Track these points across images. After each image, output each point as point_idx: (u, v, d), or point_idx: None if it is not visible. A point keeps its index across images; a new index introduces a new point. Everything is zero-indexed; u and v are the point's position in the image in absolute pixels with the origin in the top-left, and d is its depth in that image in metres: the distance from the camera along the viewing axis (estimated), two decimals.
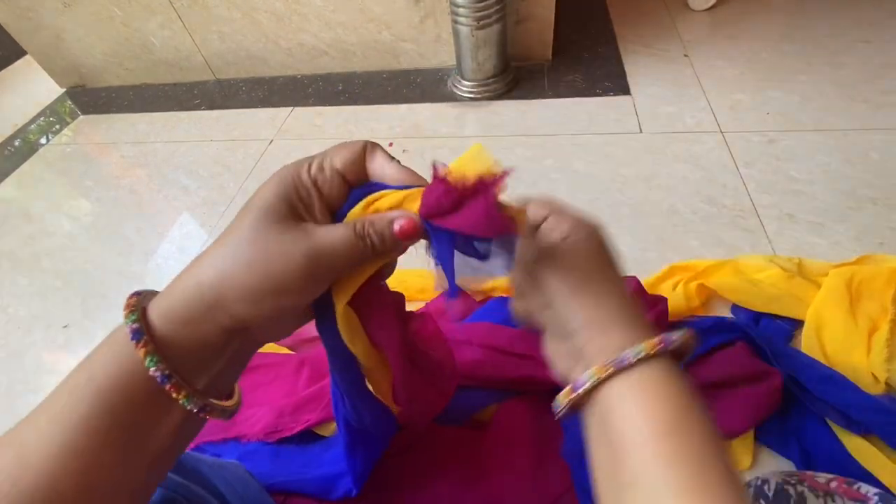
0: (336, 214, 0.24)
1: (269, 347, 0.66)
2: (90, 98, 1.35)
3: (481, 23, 0.94)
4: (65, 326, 0.78)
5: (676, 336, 0.25)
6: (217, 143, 1.09)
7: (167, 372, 0.21)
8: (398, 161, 0.25)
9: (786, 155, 0.81)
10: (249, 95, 1.23)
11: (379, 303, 0.30)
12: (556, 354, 0.30)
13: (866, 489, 0.35)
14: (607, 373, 0.24)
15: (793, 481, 0.36)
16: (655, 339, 0.25)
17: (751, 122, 0.89)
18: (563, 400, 0.27)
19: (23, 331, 0.78)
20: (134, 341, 0.21)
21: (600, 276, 0.29)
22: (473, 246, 0.23)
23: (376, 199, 0.23)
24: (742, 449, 0.50)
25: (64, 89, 1.42)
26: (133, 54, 1.29)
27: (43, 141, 1.22)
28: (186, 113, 1.21)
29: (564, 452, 0.49)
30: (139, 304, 0.23)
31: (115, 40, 1.27)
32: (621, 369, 0.24)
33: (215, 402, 0.24)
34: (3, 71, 1.59)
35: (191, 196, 0.96)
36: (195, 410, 0.23)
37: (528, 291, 0.30)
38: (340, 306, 0.26)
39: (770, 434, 0.51)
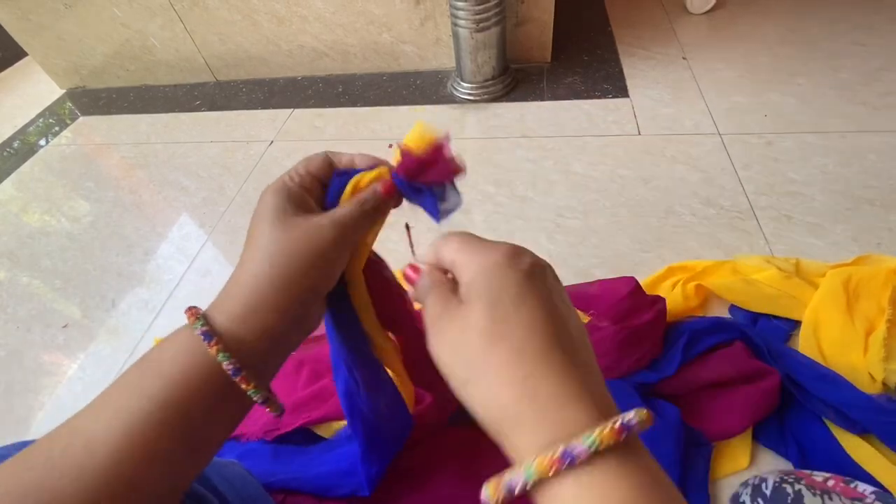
0: (326, 201, 0.30)
1: None
2: (90, 99, 1.36)
3: (481, 25, 0.95)
4: (64, 326, 0.78)
5: (580, 448, 0.18)
6: (217, 145, 1.09)
7: (238, 366, 0.24)
8: (359, 153, 0.31)
9: (783, 156, 0.82)
10: (250, 97, 1.23)
11: (383, 279, 0.35)
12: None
13: (863, 487, 0.35)
14: (500, 497, 0.19)
15: (790, 480, 0.36)
16: (547, 460, 0.18)
17: (749, 124, 0.89)
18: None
19: (22, 330, 0.78)
20: (206, 341, 0.24)
21: (511, 346, 0.20)
22: (433, 193, 0.30)
23: (359, 180, 0.29)
24: (740, 448, 0.51)
25: (64, 90, 1.42)
26: (133, 55, 1.30)
27: (43, 142, 1.22)
28: (187, 114, 1.22)
29: None
30: (199, 312, 0.26)
31: (116, 42, 1.27)
32: (518, 494, 0.19)
33: (273, 395, 0.27)
34: (3, 72, 1.59)
35: (191, 197, 0.97)
36: (259, 402, 0.26)
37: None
38: (356, 277, 0.32)
39: (768, 433, 0.51)
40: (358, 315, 0.34)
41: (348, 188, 0.29)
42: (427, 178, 0.29)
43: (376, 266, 0.35)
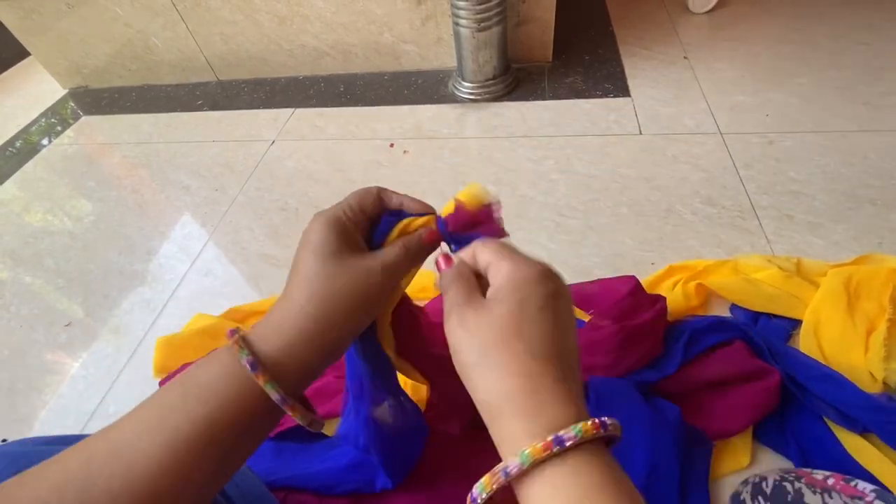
0: (372, 238, 0.31)
1: None
2: (93, 99, 1.36)
3: (482, 25, 0.95)
4: (67, 325, 0.78)
5: (568, 435, 0.20)
6: (219, 144, 1.09)
7: (284, 394, 0.25)
8: (407, 196, 0.32)
9: (785, 156, 0.82)
10: (251, 96, 1.23)
11: (409, 314, 0.37)
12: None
13: (863, 486, 0.35)
14: (498, 485, 0.21)
15: (790, 478, 0.36)
16: (540, 445, 0.20)
17: (750, 123, 0.89)
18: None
19: (25, 329, 0.79)
20: (253, 372, 0.25)
21: (526, 346, 0.23)
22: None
23: (407, 224, 0.31)
24: (741, 447, 0.51)
25: (67, 90, 1.43)
26: (135, 55, 1.30)
27: (45, 141, 1.23)
28: (188, 114, 1.22)
29: None
30: (241, 339, 0.26)
31: (118, 41, 1.28)
32: (513, 478, 0.21)
33: (318, 418, 0.28)
34: (6, 72, 1.59)
35: (192, 196, 0.97)
36: (305, 425, 0.27)
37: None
38: (385, 322, 0.34)
39: (768, 432, 0.51)
40: (381, 344, 0.36)
41: (396, 230, 0.31)
42: (471, 233, 0.30)
43: (404, 301, 0.36)
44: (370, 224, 0.31)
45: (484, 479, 0.22)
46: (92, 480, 0.22)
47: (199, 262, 0.84)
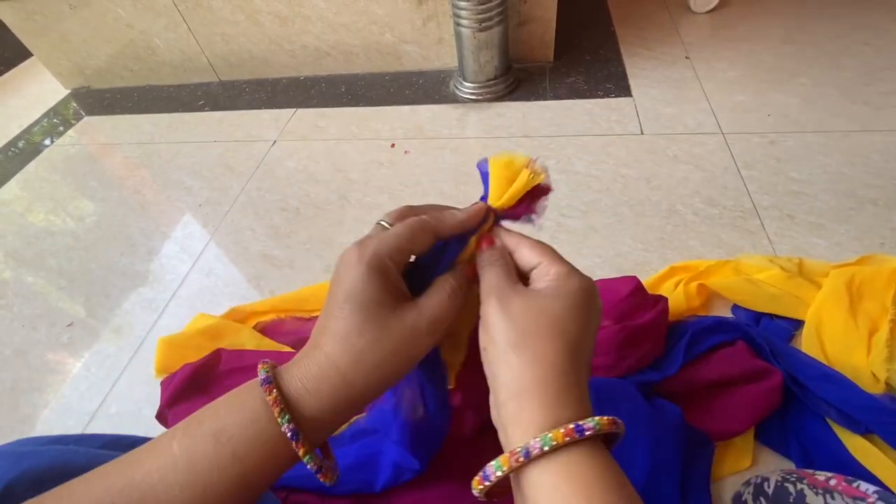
0: (437, 269, 0.28)
1: (271, 345, 0.66)
2: (95, 99, 1.36)
3: (483, 25, 0.95)
4: (69, 325, 0.78)
5: (588, 425, 0.22)
6: (220, 144, 1.09)
7: (319, 466, 0.25)
8: (453, 211, 0.30)
9: (786, 156, 0.82)
10: (253, 97, 1.23)
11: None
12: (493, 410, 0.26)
13: (865, 487, 0.35)
14: (516, 463, 0.22)
15: (792, 479, 0.36)
16: (562, 431, 0.21)
17: (751, 123, 0.89)
18: (475, 486, 0.23)
19: (27, 329, 0.79)
20: (293, 441, 0.23)
21: (564, 340, 0.24)
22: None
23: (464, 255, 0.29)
24: (742, 448, 0.51)
25: (69, 90, 1.43)
26: (137, 56, 1.30)
27: (48, 142, 1.23)
28: (190, 114, 1.22)
29: None
30: (279, 397, 0.24)
31: (120, 42, 1.28)
32: (531, 459, 0.22)
33: (330, 464, 0.27)
34: (8, 73, 1.60)
35: (194, 196, 0.97)
36: (329, 484, 0.27)
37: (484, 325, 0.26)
38: (465, 334, 0.31)
39: (770, 433, 0.51)
40: (440, 349, 0.33)
41: (468, 251, 0.29)
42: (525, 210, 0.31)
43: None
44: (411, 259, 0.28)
45: (501, 458, 0.22)
46: None
47: (201, 262, 0.84)
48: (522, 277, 0.28)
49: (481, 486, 0.23)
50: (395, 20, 1.10)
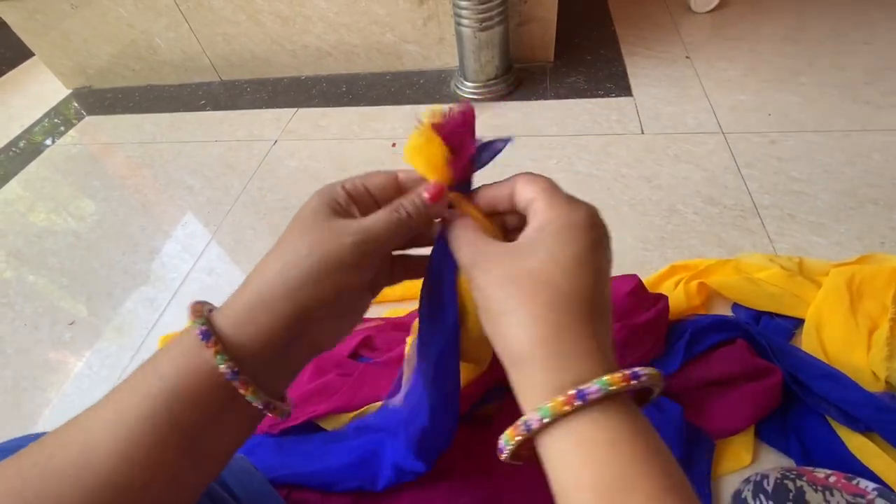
0: (429, 275, 0.28)
1: None
2: (96, 99, 1.36)
3: (484, 24, 0.95)
4: (70, 324, 0.78)
5: (592, 388, 0.20)
6: (222, 144, 1.10)
7: (236, 369, 0.23)
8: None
9: (787, 155, 0.82)
10: (254, 96, 1.24)
11: None
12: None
13: (865, 484, 0.35)
14: (521, 437, 0.21)
15: (792, 476, 0.37)
16: (562, 399, 0.20)
17: (752, 122, 0.89)
18: (499, 454, 0.22)
19: (29, 328, 0.79)
20: (204, 341, 0.22)
21: (578, 294, 0.22)
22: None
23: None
24: (742, 445, 0.51)
25: (70, 90, 1.43)
26: (139, 55, 1.31)
27: (49, 141, 1.23)
28: (191, 114, 1.22)
29: None
30: (203, 309, 0.24)
31: (122, 42, 1.28)
32: (533, 431, 0.21)
33: (278, 401, 0.25)
34: (10, 72, 1.60)
35: (195, 196, 0.97)
36: (259, 407, 0.24)
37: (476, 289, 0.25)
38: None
39: (770, 431, 0.51)
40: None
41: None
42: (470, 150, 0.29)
43: None
44: (376, 204, 0.27)
45: (508, 432, 0.21)
46: (52, 466, 0.21)
47: (202, 261, 0.84)
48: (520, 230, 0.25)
49: (502, 456, 0.22)
50: (395, 20, 1.11)
